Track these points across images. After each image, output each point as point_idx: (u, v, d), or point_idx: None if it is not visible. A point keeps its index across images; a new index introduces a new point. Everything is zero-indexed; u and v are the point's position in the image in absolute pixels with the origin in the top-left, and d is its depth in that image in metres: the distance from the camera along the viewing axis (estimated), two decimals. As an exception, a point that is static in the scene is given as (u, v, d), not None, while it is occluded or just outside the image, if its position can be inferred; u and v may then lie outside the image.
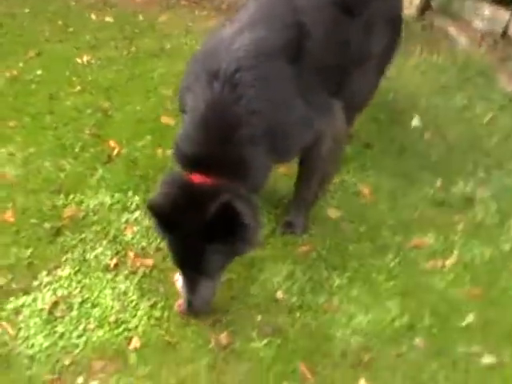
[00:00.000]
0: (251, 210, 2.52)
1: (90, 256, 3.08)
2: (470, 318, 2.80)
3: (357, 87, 3.11)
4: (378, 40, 3.08)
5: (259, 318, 2.79)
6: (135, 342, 2.66)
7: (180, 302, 2.76)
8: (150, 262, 3.04)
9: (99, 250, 3.12)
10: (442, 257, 3.10)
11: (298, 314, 2.82)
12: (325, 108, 2.82)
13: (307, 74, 2.69)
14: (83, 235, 3.20)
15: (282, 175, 3.47)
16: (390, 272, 3.02)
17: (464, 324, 2.78)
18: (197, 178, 2.53)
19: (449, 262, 3.06)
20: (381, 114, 4.12)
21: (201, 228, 2.42)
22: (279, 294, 2.91)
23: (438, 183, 3.57)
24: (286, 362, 2.61)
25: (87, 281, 2.96)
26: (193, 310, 2.65)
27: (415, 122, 4.09)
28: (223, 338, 2.68)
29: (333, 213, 3.36)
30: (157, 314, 2.80)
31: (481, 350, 2.65)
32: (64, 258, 3.07)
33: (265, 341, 2.69)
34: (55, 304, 2.83)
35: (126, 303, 2.85)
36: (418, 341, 2.70)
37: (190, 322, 2.75)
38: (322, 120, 2.80)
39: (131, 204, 3.40)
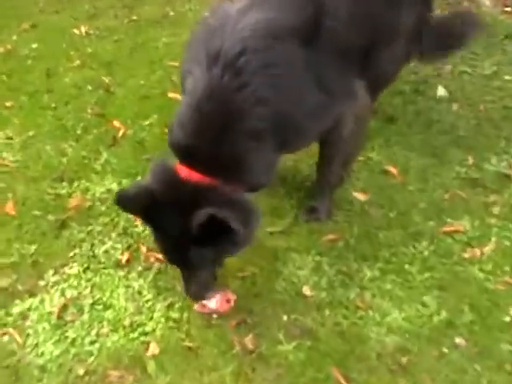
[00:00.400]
0: (243, 214, 2.27)
1: (99, 251, 2.89)
2: (511, 311, 2.62)
3: (383, 67, 2.84)
4: (408, 14, 2.80)
5: (285, 317, 2.61)
6: (153, 348, 2.48)
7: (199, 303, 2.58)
8: (163, 256, 2.83)
9: (109, 244, 2.93)
10: (479, 244, 2.90)
11: (327, 312, 2.63)
12: (345, 91, 2.55)
13: (325, 56, 2.41)
14: (90, 228, 3.00)
15: (303, 155, 3.24)
16: (424, 262, 2.83)
17: (507, 319, 2.59)
18: (185, 172, 2.29)
19: (486, 250, 2.87)
20: (404, 85, 3.87)
21: (183, 231, 2.20)
22: (306, 290, 2.72)
23: (470, 160, 3.35)
24: (318, 367, 2.43)
25: (98, 279, 2.77)
26: (193, 297, 2.51)
27: (441, 91, 3.84)
28: (248, 341, 2.50)
29: (359, 196, 3.15)
30: (174, 315, 2.62)
31: (528, 349, 2.47)
32: (71, 253, 2.88)
33: (293, 343, 2.52)
34: (64, 307, 2.65)
35: (140, 304, 2.67)
36: (458, 340, 2.52)
37: (212, 324, 2.56)
38: (343, 103, 2.55)
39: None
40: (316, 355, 2.48)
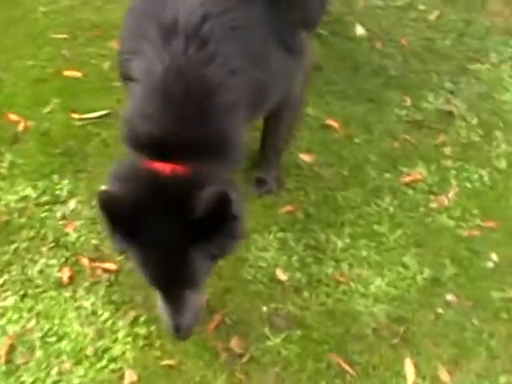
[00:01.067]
0: (239, 197, 2.04)
1: (32, 272, 2.53)
2: (493, 256, 2.59)
3: (314, 9, 2.65)
4: None
5: (265, 309, 2.43)
6: (130, 376, 2.22)
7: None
8: (111, 265, 2.53)
9: (42, 261, 2.57)
10: (441, 190, 2.85)
11: (308, 294, 2.47)
12: (300, 45, 2.40)
13: (279, 9, 2.20)
14: (14, 246, 2.62)
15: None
16: (392, 219, 2.73)
17: (490, 265, 2.56)
18: (163, 167, 1.97)
19: (450, 196, 2.81)
20: (319, 28, 3.67)
21: (181, 228, 1.90)
22: (279, 274, 2.54)
23: (408, 101, 3.26)
24: (316, 357, 2.30)
25: (40, 306, 2.43)
26: (183, 334, 2.08)
27: (359, 30, 3.70)
28: (234, 344, 2.30)
29: (306, 158, 2.97)
30: (142, 331, 2.36)
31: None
32: (0, 281, 2.49)
33: (282, 335, 2.35)
34: (11, 347, 2.30)
35: (99, 325, 2.37)
36: (449, 297, 2.48)
37: (189, 334, 2.31)
38: (298, 62, 2.37)
39: (61, 191, 2.82)
40: (310, 344, 2.33)
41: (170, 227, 1.90)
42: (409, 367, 2.25)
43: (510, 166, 2.96)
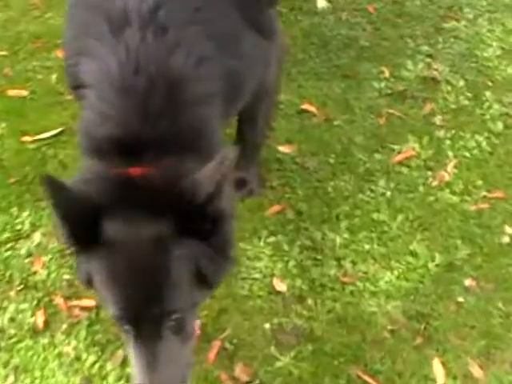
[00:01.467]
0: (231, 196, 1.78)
1: (2, 321, 2.28)
2: (507, 229, 2.40)
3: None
4: None
5: (268, 326, 2.20)
6: (129, 425, 1.97)
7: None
8: (89, 301, 2.28)
9: (11, 307, 2.31)
10: (439, 164, 2.64)
11: (311, 302, 2.25)
12: (270, 26, 2.16)
13: None
14: (-22, 294, 2.35)
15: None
16: (391, 204, 2.53)
17: (506, 240, 2.37)
18: (131, 171, 1.69)
19: (450, 169, 2.59)
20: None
21: (159, 224, 1.56)
22: (277, 283, 2.31)
23: (386, 72, 3.05)
24: (334, 372, 2.08)
25: (17, 359, 2.18)
26: None
27: (320, 2, 3.49)
28: (239, 372, 2.08)
29: (286, 149, 2.74)
30: (135, 371, 2.09)
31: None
32: (-31, 337, 2.24)
33: (292, 353, 2.12)
34: (-10, 413, 2.04)
35: (85, 372, 2.12)
36: (468, 282, 2.27)
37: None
38: (271, 43, 2.14)
39: (23, 225, 2.56)
40: (324, 358, 2.11)
41: (144, 226, 1.59)
42: (437, 368, 2.05)
43: (507, 127, 2.76)
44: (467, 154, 2.66)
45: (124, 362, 2.13)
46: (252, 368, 2.09)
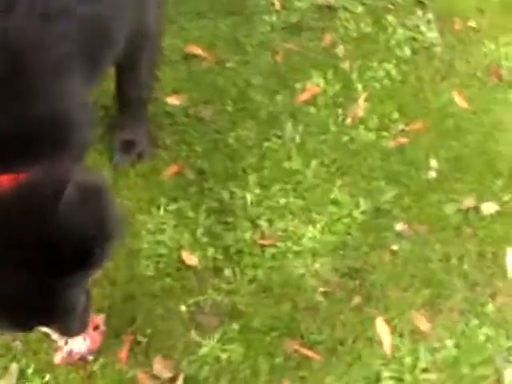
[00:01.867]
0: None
1: None
2: (433, 163, 2.22)
3: None
4: None
5: (183, 307, 1.90)
6: None
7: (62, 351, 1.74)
8: None
9: None
10: (348, 99, 2.40)
11: (229, 273, 1.98)
12: None
13: None
14: None
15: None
16: (302, 150, 2.28)
17: (432, 175, 2.19)
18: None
19: (361, 103, 2.37)
20: None
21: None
22: (186, 257, 2.01)
23: (276, 3, 2.76)
24: (268, 351, 1.84)
25: None
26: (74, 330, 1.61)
27: None
28: (160, 368, 1.78)
29: (175, 100, 2.41)
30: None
31: (474, 200, 2.10)
32: None
33: (216, 335, 1.84)
34: None
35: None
36: (399, 226, 2.07)
37: (95, 375, 1.75)
38: None
39: None
40: (254, 336, 1.89)
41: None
42: (381, 328, 1.84)
43: (416, 51, 2.57)
44: (377, 85, 2.44)
45: (20, 377, 1.78)
46: (173, 360, 1.80)
